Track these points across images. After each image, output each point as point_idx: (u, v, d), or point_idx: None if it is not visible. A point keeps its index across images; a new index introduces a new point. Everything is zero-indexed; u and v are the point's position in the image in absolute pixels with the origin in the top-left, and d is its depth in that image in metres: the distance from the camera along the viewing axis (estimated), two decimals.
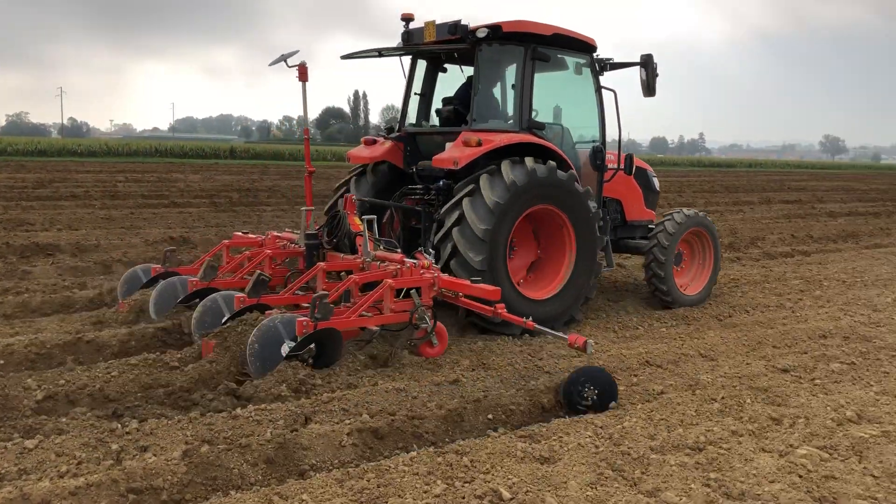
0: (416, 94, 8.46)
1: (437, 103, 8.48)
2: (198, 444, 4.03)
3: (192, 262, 8.05)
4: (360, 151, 8.20)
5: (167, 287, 6.74)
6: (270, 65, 7.49)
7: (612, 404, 5.00)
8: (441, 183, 7.42)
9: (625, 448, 4.20)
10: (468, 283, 6.13)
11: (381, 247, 6.90)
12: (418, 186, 7.81)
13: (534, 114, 7.52)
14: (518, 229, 7.08)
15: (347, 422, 4.40)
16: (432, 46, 7.71)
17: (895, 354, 6.37)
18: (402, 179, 8.18)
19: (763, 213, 21.08)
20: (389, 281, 5.89)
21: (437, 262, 6.64)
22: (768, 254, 12.99)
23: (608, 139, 8.19)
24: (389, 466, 3.86)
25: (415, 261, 6.31)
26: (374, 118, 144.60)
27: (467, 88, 8.04)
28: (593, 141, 8.18)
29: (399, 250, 6.87)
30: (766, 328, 7.37)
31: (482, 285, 6.05)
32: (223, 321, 5.88)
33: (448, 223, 6.81)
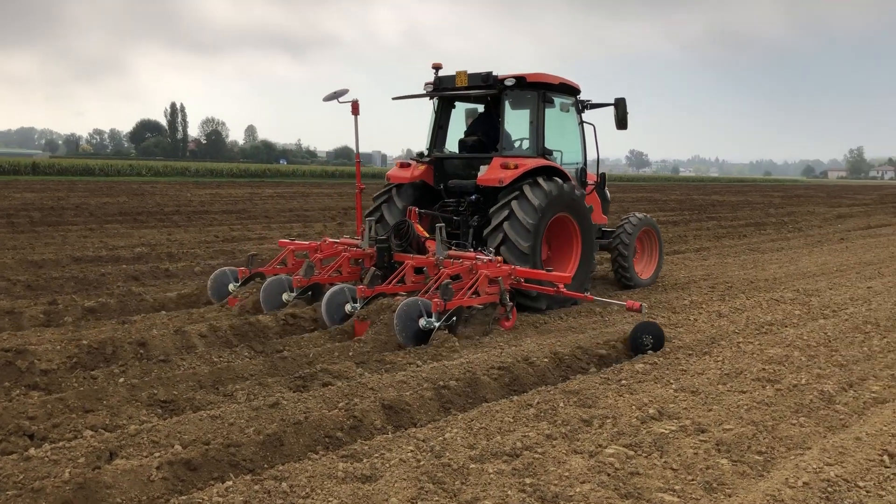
0: (438, 126, 10.41)
1: (447, 134, 10.54)
2: None
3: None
4: (399, 172, 10.05)
5: (274, 283, 8.23)
6: (325, 100, 9.23)
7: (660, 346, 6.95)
8: (473, 197, 9.60)
9: (446, 460, 4.24)
10: (544, 271, 8.37)
11: (453, 247, 8.84)
12: (451, 200, 9.89)
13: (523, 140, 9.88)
14: None
15: (157, 455, 4.14)
16: (466, 91, 9.69)
17: (691, 353, 6.89)
18: (431, 195, 10.13)
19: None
20: (485, 272, 7.77)
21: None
22: None
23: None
24: (203, 499, 3.68)
25: (489, 256, 8.22)
26: (193, 131, 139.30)
27: (482, 123, 10.25)
28: (576, 163, 10.47)
29: (472, 249, 8.83)
30: (577, 333, 7.75)
31: (556, 273, 8.39)
32: (358, 308, 7.55)
33: (498, 219, 8.82)
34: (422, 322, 7.10)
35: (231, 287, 8.67)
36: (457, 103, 10.52)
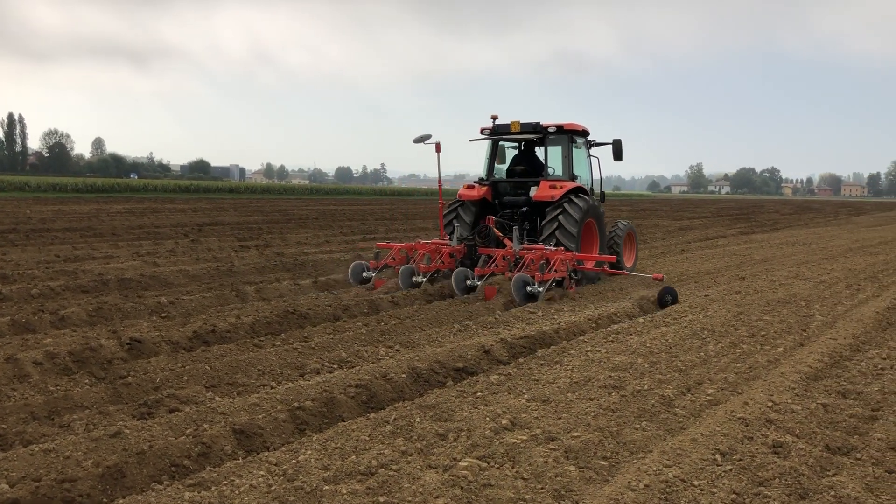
0: (488, 158, 14.24)
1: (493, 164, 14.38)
2: None
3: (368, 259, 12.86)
4: (468, 192, 13.76)
5: (407, 270, 11.74)
6: (414, 142, 12.71)
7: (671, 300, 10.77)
8: (524, 209, 13.35)
9: (298, 483, 4.16)
10: (595, 255, 12.90)
11: (525, 242, 12.54)
12: (507, 211, 13.62)
13: (552, 169, 13.71)
14: None
15: None
16: (519, 135, 13.61)
17: (543, 363, 7.10)
18: (488, 207, 13.85)
19: (436, 238, 22.47)
20: (560, 256, 11.51)
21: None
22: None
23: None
24: None
25: (551, 247, 11.98)
26: (34, 144, 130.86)
27: (523, 157, 14.24)
28: (586, 185, 13.98)
29: (542, 243, 12.32)
30: (436, 347, 7.81)
31: (604, 255, 12.87)
32: (478, 283, 11.17)
33: (550, 229, 12.51)
34: (528, 288, 10.67)
35: (364, 274, 12.09)
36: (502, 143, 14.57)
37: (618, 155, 13.88)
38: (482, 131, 13.92)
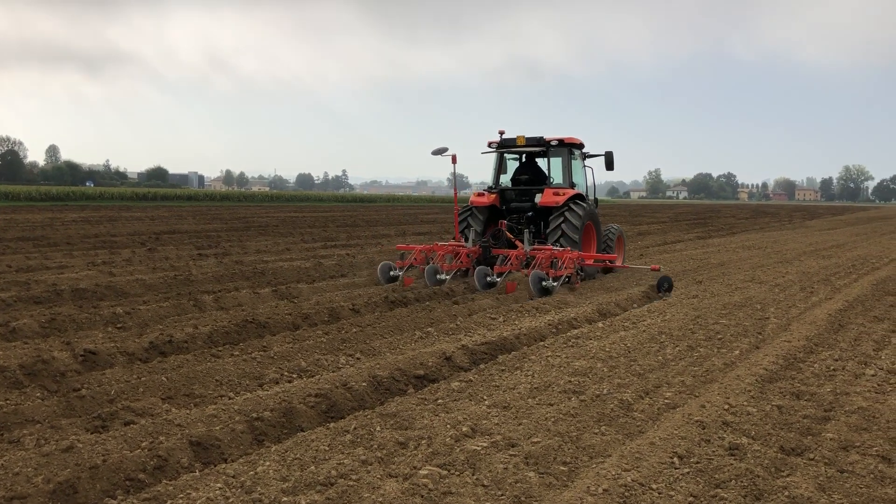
0: (496, 170, 15.84)
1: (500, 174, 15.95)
2: None
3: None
4: (479, 199, 15.16)
5: (431, 268, 12.99)
6: (432, 154, 14.22)
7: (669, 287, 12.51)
8: (530, 214, 14.88)
9: (256, 495, 4.11)
10: (598, 254, 14.73)
11: (535, 243, 14.03)
12: (514, 216, 15.07)
13: (553, 178, 15.33)
14: None
15: None
16: (524, 148, 15.10)
17: (504, 369, 7.13)
18: (497, 213, 15.29)
19: (398, 244, 22.44)
20: (570, 255, 12.92)
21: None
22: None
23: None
24: None
25: (558, 247, 13.53)
26: None
27: (526, 166, 15.73)
28: (582, 191, 15.48)
29: (550, 244, 13.84)
30: (397, 354, 7.79)
31: (608, 254, 14.98)
32: (498, 280, 12.62)
33: (555, 231, 13.97)
34: (544, 283, 12.05)
35: (392, 273, 13.41)
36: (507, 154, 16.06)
37: (609, 165, 15.50)
38: (490, 144, 15.41)
